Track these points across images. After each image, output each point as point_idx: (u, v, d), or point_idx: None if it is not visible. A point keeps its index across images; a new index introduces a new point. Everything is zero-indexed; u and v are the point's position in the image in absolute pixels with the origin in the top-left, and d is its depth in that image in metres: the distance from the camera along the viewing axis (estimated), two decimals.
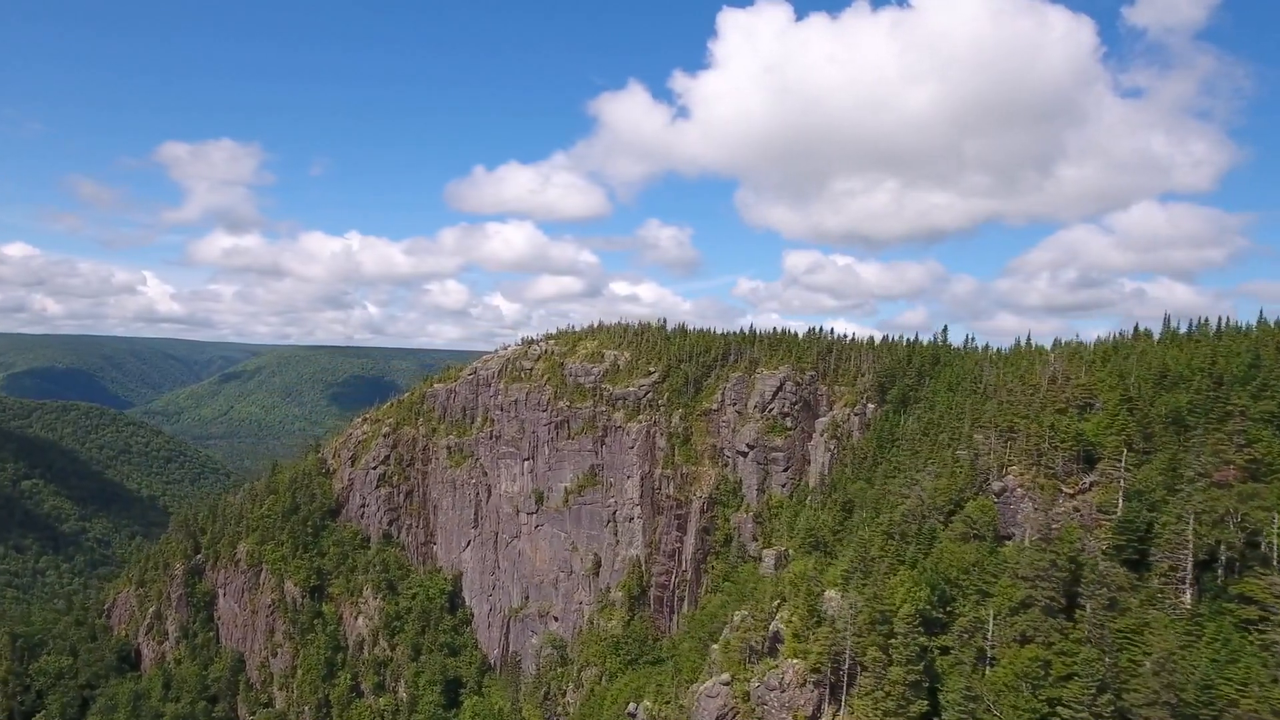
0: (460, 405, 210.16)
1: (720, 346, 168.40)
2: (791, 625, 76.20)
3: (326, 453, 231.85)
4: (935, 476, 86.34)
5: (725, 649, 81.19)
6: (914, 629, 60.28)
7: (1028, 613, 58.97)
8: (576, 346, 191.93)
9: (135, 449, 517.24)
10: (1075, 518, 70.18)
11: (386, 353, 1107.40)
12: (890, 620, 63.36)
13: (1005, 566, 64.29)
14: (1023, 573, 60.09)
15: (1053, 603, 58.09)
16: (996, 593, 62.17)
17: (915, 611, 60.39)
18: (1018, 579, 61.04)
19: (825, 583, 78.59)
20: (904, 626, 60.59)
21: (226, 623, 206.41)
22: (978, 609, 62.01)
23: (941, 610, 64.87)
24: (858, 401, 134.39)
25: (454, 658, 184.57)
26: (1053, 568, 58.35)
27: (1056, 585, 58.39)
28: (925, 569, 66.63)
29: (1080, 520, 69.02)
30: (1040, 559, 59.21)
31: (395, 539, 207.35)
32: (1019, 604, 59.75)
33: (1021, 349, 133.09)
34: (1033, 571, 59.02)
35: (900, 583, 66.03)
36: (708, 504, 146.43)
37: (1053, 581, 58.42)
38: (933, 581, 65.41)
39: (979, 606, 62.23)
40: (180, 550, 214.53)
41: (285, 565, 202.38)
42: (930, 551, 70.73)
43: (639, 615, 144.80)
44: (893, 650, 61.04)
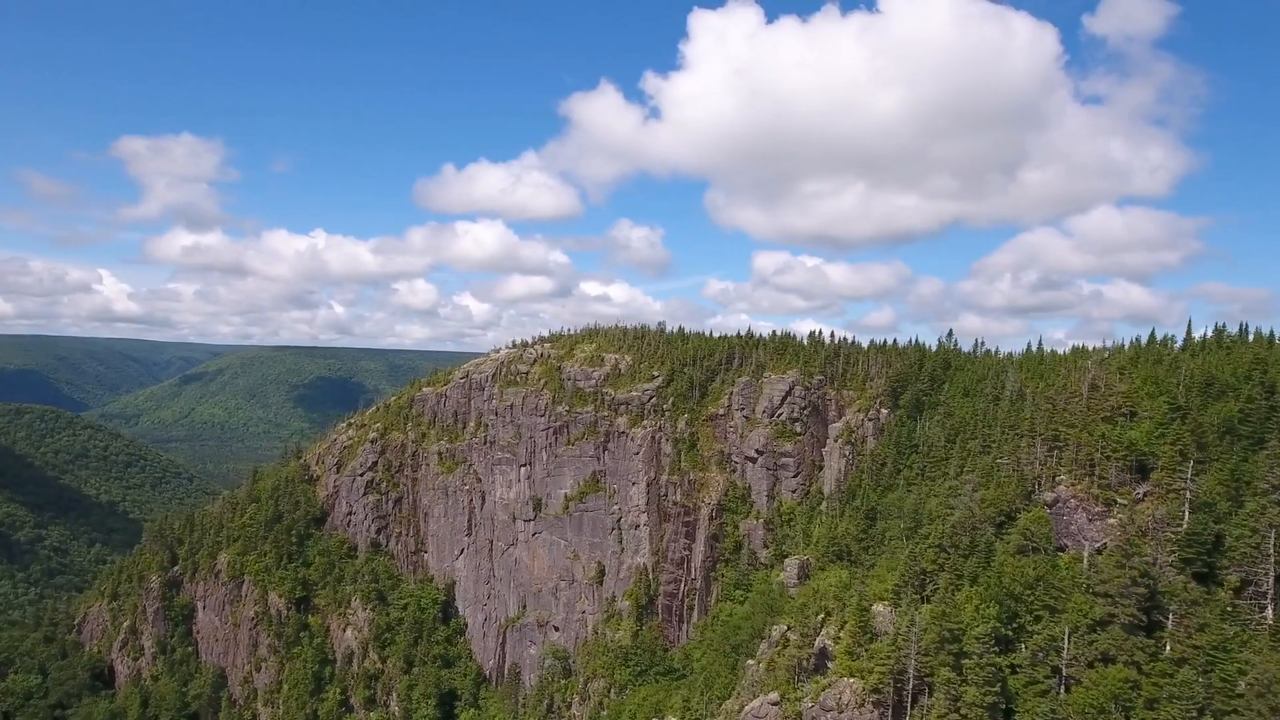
0: (451, 410, 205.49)
1: (723, 350, 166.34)
2: (841, 642, 74.11)
3: (309, 459, 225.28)
4: (974, 487, 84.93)
5: (770, 666, 78.82)
6: (989, 649, 58.48)
7: (1107, 631, 57.50)
8: (574, 350, 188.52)
9: (93, 453, 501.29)
10: (1132, 529, 69.06)
11: (354, 353, 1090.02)
12: (960, 639, 61.49)
13: (1075, 581, 62.76)
14: (1101, 589, 58.61)
15: (1135, 620, 56.69)
16: (1069, 609, 60.58)
17: (990, 631, 58.58)
18: (1094, 595, 59.55)
19: (872, 596, 76.59)
20: (978, 646, 58.74)
21: (206, 637, 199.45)
22: (1050, 626, 60.40)
23: (1008, 627, 63.19)
24: (871, 407, 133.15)
25: (448, 669, 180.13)
26: (1133, 584, 56.94)
27: (1137, 602, 57.00)
28: (990, 585, 64.92)
29: (1139, 532, 67.88)
30: (1120, 575, 57.78)
31: (384, 547, 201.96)
32: (1097, 621, 58.24)
33: (1033, 353, 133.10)
34: (1114, 588, 57.56)
35: (967, 599, 64.22)
36: (716, 511, 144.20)
37: (1133, 598, 57.02)
38: (998, 597, 63.71)
39: (1052, 623, 60.61)
40: (156, 562, 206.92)
41: (269, 576, 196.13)
42: (989, 566, 69.07)
43: (647, 625, 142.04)
44: (967, 671, 59.17)
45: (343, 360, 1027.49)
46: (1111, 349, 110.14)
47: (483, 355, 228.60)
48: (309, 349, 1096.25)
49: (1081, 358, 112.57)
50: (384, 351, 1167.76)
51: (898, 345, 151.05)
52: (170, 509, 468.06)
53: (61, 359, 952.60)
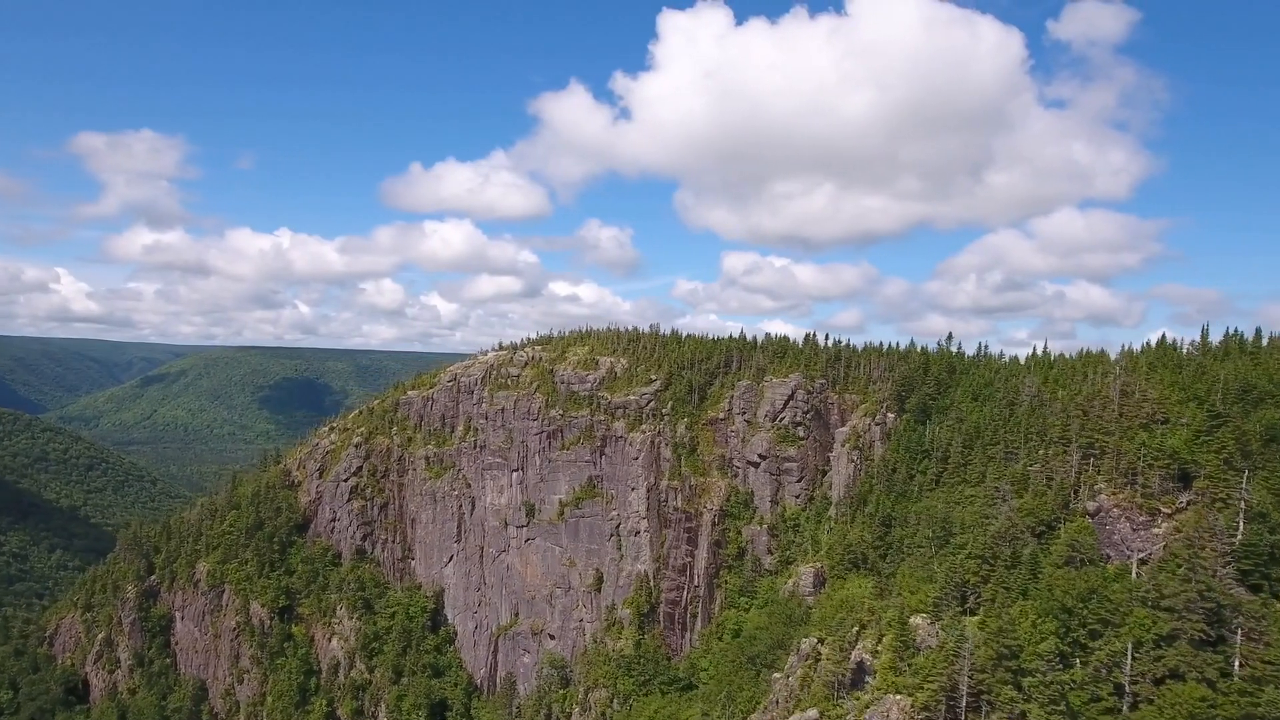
0: (438, 413, 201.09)
1: (720, 353, 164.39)
2: (881, 656, 72.25)
3: (290, 464, 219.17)
4: (1004, 495, 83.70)
5: (804, 681, 76.72)
6: (1053, 666, 56.91)
7: (1173, 646, 56.23)
8: (565, 353, 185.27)
9: (52, 456, 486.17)
10: (1178, 540, 68.13)
11: (320, 353, 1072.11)
12: (1017, 655, 59.86)
13: (1132, 594, 61.47)
14: (1166, 603, 57.34)
15: (1203, 636, 55.50)
16: (1130, 624, 59.23)
17: (1056, 648, 57.04)
18: (1156, 609, 58.26)
19: (910, 608, 74.87)
20: (1041, 664, 57.13)
21: (185, 648, 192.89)
22: (1111, 641, 59.01)
23: (1063, 642, 61.76)
24: (877, 411, 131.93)
25: (438, 679, 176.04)
26: (1200, 598, 55.76)
27: (1203, 616, 55.82)
28: (1044, 598, 63.47)
29: (1187, 542, 66.91)
30: (1186, 588, 56.58)
31: (369, 554, 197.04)
32: (1162, 636, 56.94)
33: (1038, 357, 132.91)
34: (1180, 602, 56.33)
35: (1022, 614, 62.66)
36: (719, 516, 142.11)
37: (1200, 612, 55.83)
38: (1052, 611, 62.27)
39: (1112, 638, 59.23)
40: (131, 571, 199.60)
41: (250, 585, 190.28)
42: (1036, 578, 67.68)
43: (648, 633, 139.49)
44: (1030, 689, 57.54)
45: (309, 361, 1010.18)
46: (1121, 355, 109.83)
47: (467, 357, 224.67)
48: (274, 349, 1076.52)
49: (1093, 363, 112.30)
50: (351, 352, 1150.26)
51: (899, 348, 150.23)
52: (134, 513, 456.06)
53: (18, 360, 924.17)
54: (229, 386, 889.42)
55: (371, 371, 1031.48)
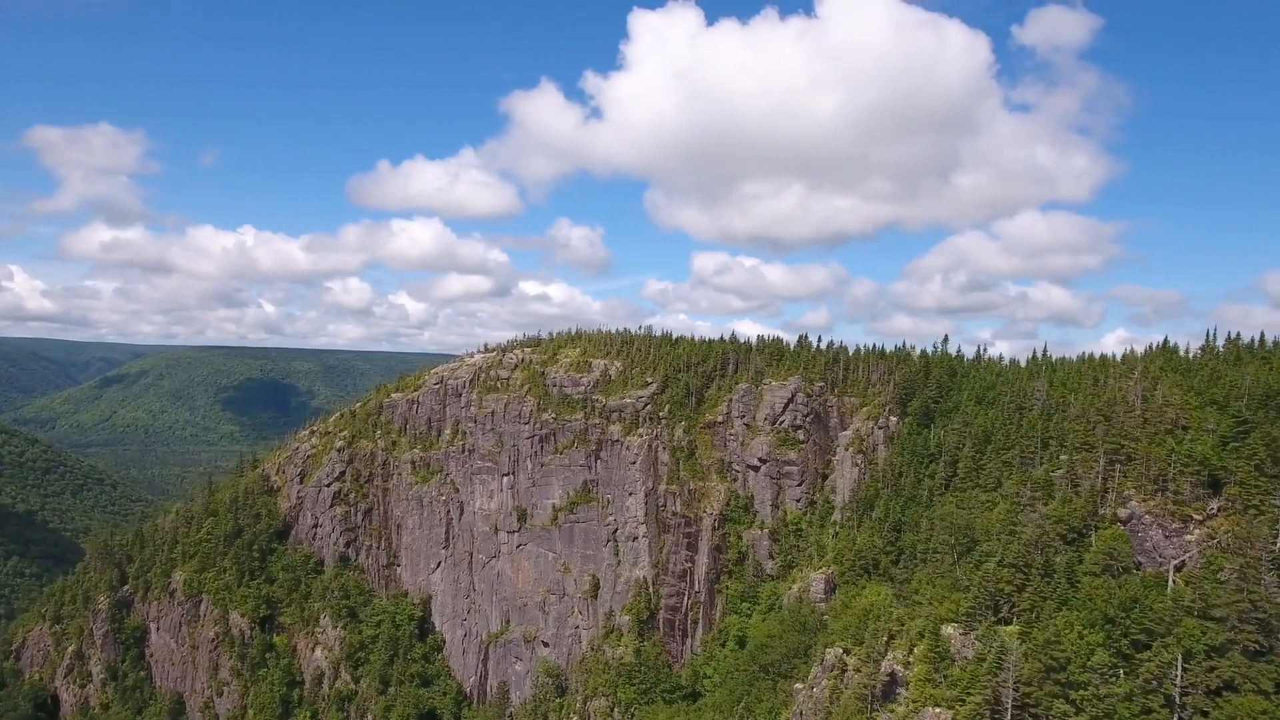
0: (424, 417, 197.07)
1: (716, 356, 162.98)
2: (914, 667, 71.17)
3: (268, 468, 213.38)
4: (1026, 501, 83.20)
5: (833, 693, 75.40)
6: (1107, 679, 56.19)
7: (1226, 657, 55.79)
8: (557, 355, 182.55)
9: (7, 459, 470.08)
10: (1211, 547, 67.99)
11: (286, 353, 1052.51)
12: (1064, 667, 59.08)
13: (1176, 603, 60.98)
14: (1218, 612, 56.90)
15: (1259, 646, 55.13)
16: (1179, 634, 58.71)
17: (1109, 660, 56.28)
18: (1205, 619, 57.80)
19: (940, 618, 73.89)
20: (1094, 677, 56.40)
21: (161, 661, 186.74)
22: (1160, 652, 58.43)
23: (1107, 653, 61.07)
24: (880, 414, 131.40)
25: (426, 688, 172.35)
26: (1254, 608, 55.39)
27: (1256, 626, 55.46)
28: (1087, 608, 62.79)
29: (1221, 549, 66.78)
30: (1239, 598, 56.17)
31: (353, 561, 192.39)
32: (1213, 647, 56.47)
33: (1038, 360, 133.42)
34: (1233, 611, 55.90)
35: (1067, 625, 61.89)
36: (719, 521, 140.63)
37: (1254, 622, 55.46)
38: (1096, 622, 61.61)
39: (1161, 649, 58.65)
40: (103, 581, 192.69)
41: (230, 594, 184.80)
42: (1074, 587, 67.07)
43: (648, 640, 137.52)
44: (1082, 702, 56.76)
45: (274, 361, 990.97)
46: (1132, 358, 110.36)
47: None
48: (237, 349, 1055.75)
49: (1097, 367, 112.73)
50: (318, 351, 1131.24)
51: (898, 351, 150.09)
52: (93, 517, 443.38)
53: None
54: (191, 387, 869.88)
55: (339, 371, 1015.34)
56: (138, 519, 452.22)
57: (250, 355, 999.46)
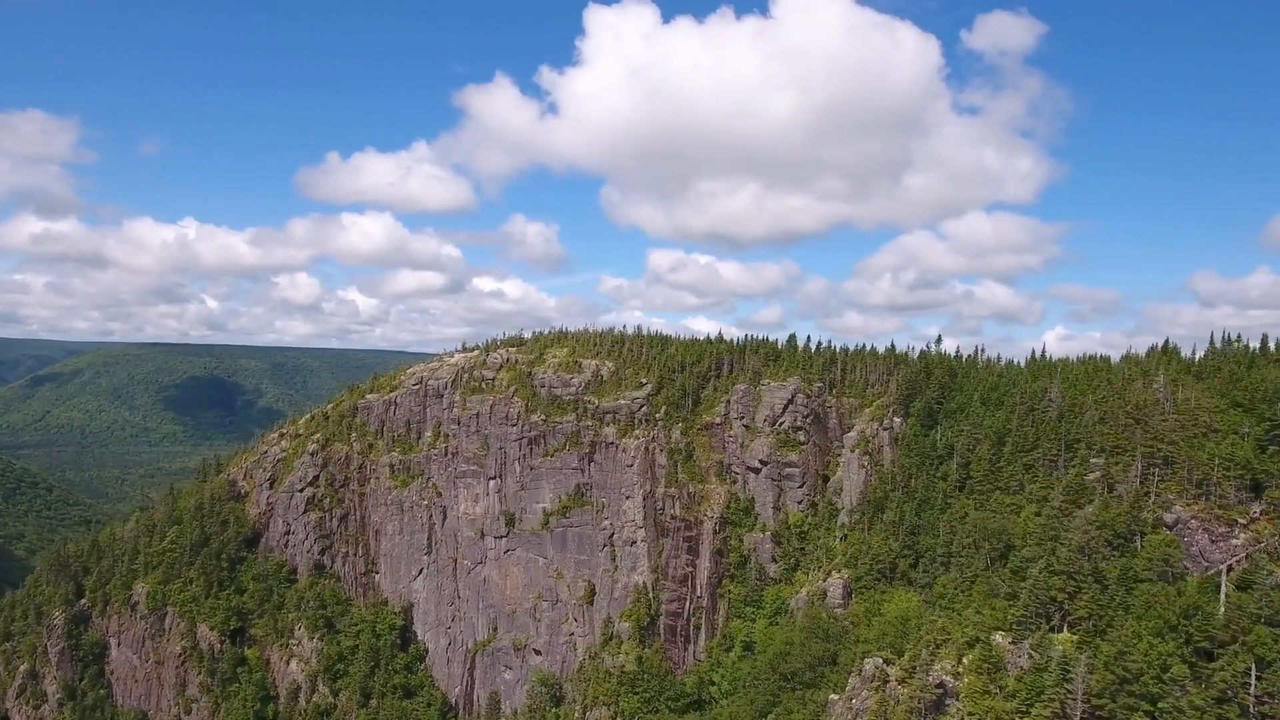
0: (403, 419, 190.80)
1: (710, 356, 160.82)
2: (965, 679, 69.84)
3: (234, 473, 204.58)
4: (1058, 505, 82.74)
5: (881, 705, 73.64)
6: (1186, 690, 55.37)
7: None
8: (544, 355, 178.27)
9: None
10: (1259, 551, 68.01)
11: (231, 350, 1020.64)
12: (1137, 678, 58.15)
13: (1243, 610, 60.57)
14: None
15: None
16: (1250, 642, 58.24)
17: (1186, 671, 55.46)
18: (1275, 625, 57.40)
19: (988, 626, 72.76)
20: (1174, 688, 55.51)
21: (123, 678, 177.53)
22: (1233, 661, 57.87)
23: None
24: (884, 415, 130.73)
25: (410, 700, 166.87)
26: None
27: None
28: (1153, 617, 62.04)
29: (1269, 554, 66.82)
30: None
31: (329, 569, 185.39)
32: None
33: (1037, 361, 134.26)
34: None
35: (1136, 634, 61.01)
36: (720, 524, 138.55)
37: None
38: (1161, 630, 60.88)
39: (1234, 658, 58.09)
40: (58, 595, 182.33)
41: (197, 606, 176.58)
42: (1131, 594, 66.37)
43: (649, 647, 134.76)
44: (1163, 715, 55.84)
45: (219, 358, 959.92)
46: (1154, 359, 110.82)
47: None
48: (180, 346, 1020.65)
49: (1100, 369, 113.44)
50: (265, 349, 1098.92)
51: (895, 351, 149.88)
52: (27, 522, 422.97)
53: None
54: (130, 386, 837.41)
55: (287, 369, 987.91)
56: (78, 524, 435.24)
57: (193, 352, 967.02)
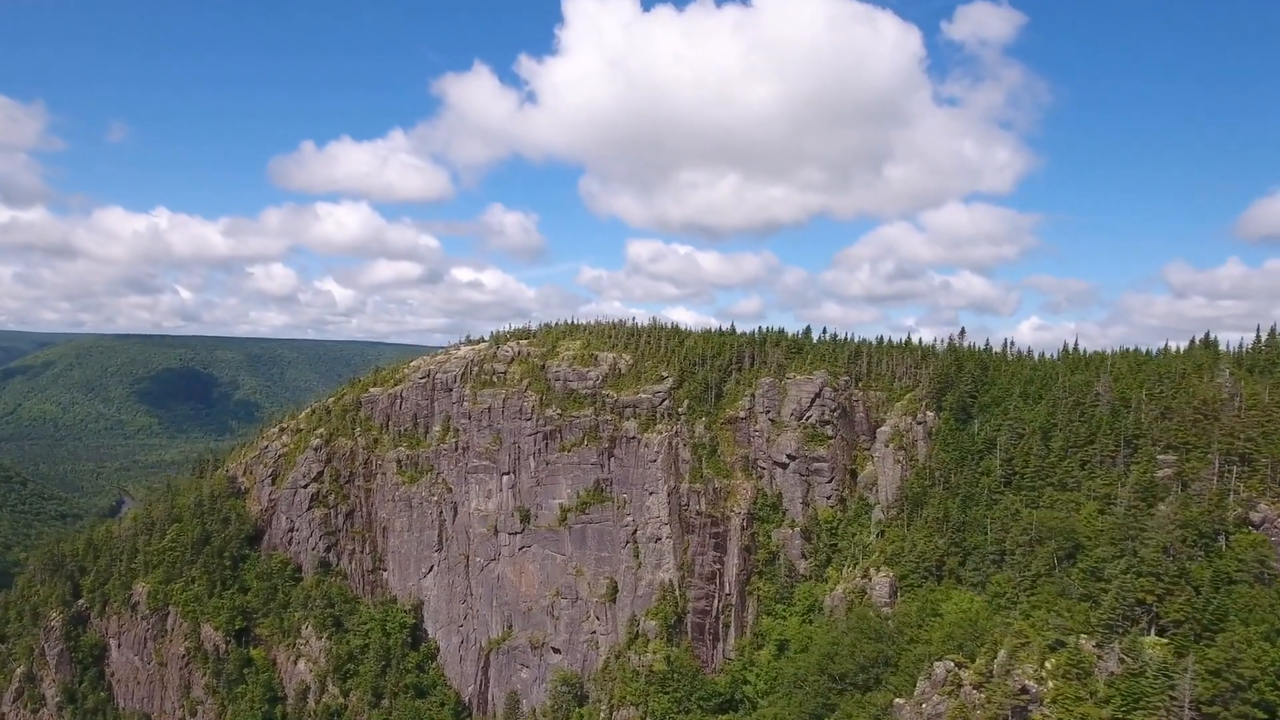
0: (409, 413, 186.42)
1: (731, 350, 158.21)
2: (1049, 684, 68.04)
3: (234, 469, 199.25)
4: (1126, 505, 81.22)
5: (960, 711, 71.70)
6: None
7: None
8: (556, 348, 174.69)
9: None
10: None
11: (206, 342, 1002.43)
12: (1251, 685, 56.52)
13: None
14: None
15: None
16: None
17: None
18: None
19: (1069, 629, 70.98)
20: None
21: (124, 680, 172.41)
22: None
23: None
24: (917, 410, 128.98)
25: (422, 699, 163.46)
26: None
27: None
28: (1261, 621, 60.47)
29: None
30: None
31: (335, 567, 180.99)
32: None
33: (1070, 354, 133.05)
34: None
35: (1245, 640, 59.38)
36: (747, 520, 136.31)
37: None
38: (1271, 635, 59.35)
39: None
40: (54, 595, 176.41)
41: (200, 606, 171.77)
42: (1230, 597, 64.80)
43: (677, 645, 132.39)
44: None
45: (195, 350, 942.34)
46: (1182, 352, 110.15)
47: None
48: (153, 337, 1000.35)
49: (1160, 363, 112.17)
50: (241, 340, 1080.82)
51: (923, 344, 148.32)
52: (2, 517, 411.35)
53: None
54: (104, 378, 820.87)
55: (264, 361, 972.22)
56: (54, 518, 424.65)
57: (167, 344, 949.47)
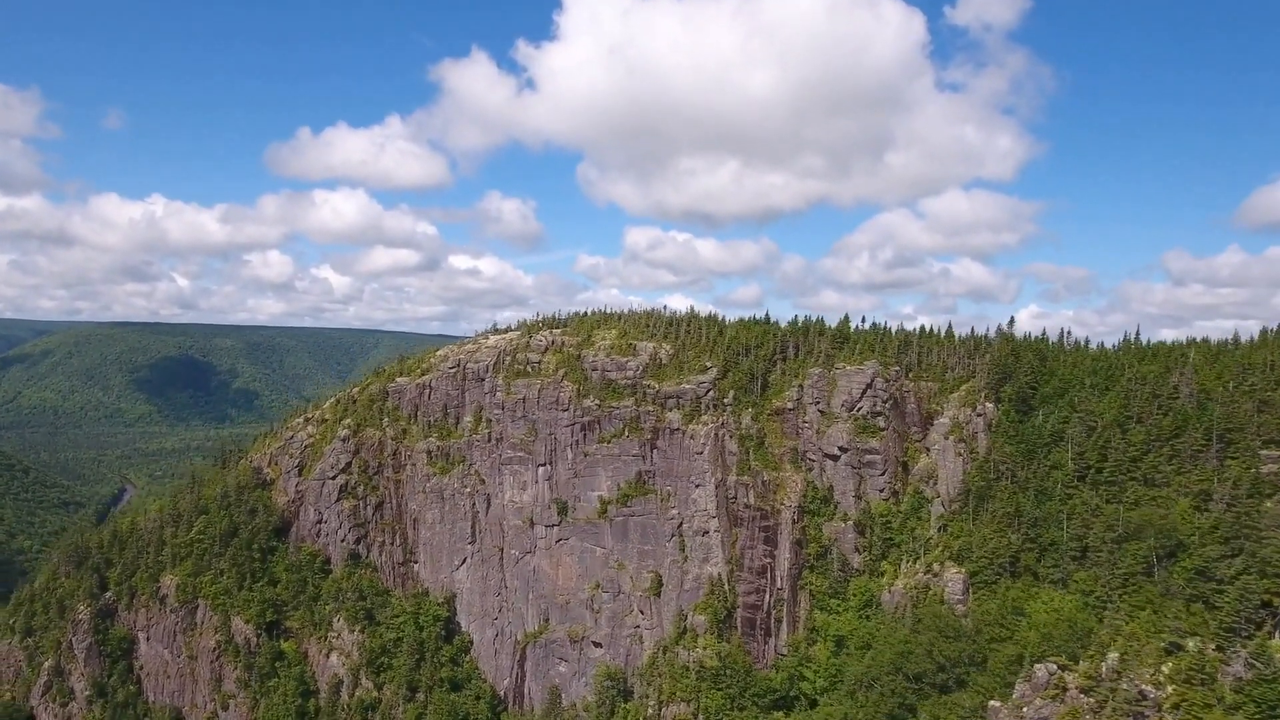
0: (439, 403, 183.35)
1: (774, 339, 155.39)
2: (1169, 689, 65.68)
3: (258, 460, 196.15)
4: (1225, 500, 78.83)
5: (1073, 715, 69.33)
6: None
7: None
8: (592, 337, 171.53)
9: None
10: None
11: (205, 330, 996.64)
12: None
13: None
14: None
15: None
16: None
17: None
18: None
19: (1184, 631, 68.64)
20: None
21: (154, 674, 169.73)
22: None
23: None
24: (975, 401, 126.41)
25: (457, 693, 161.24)
26: None
27: None
28: None
29: None
30: None
31: (365, 559, 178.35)
32: None
33: (1130, 344, 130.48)
34: None
35: None
36: (798, 513, 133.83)
37: None
38: None
39: None
40: (81, 589, 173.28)
41: (230, 599, 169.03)
42: None
43: (726, 640, 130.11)
44: None
45: (193, 338, 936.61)
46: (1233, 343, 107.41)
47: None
48: (151, 325, 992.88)
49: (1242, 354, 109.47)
50: (239, 328, 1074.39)
51: (975, 334, 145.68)
52: (4, 504, 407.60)
53: None
54: (103, 366, 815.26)
55: (263, 349, 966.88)
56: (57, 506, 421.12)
57: (165, 332, 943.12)
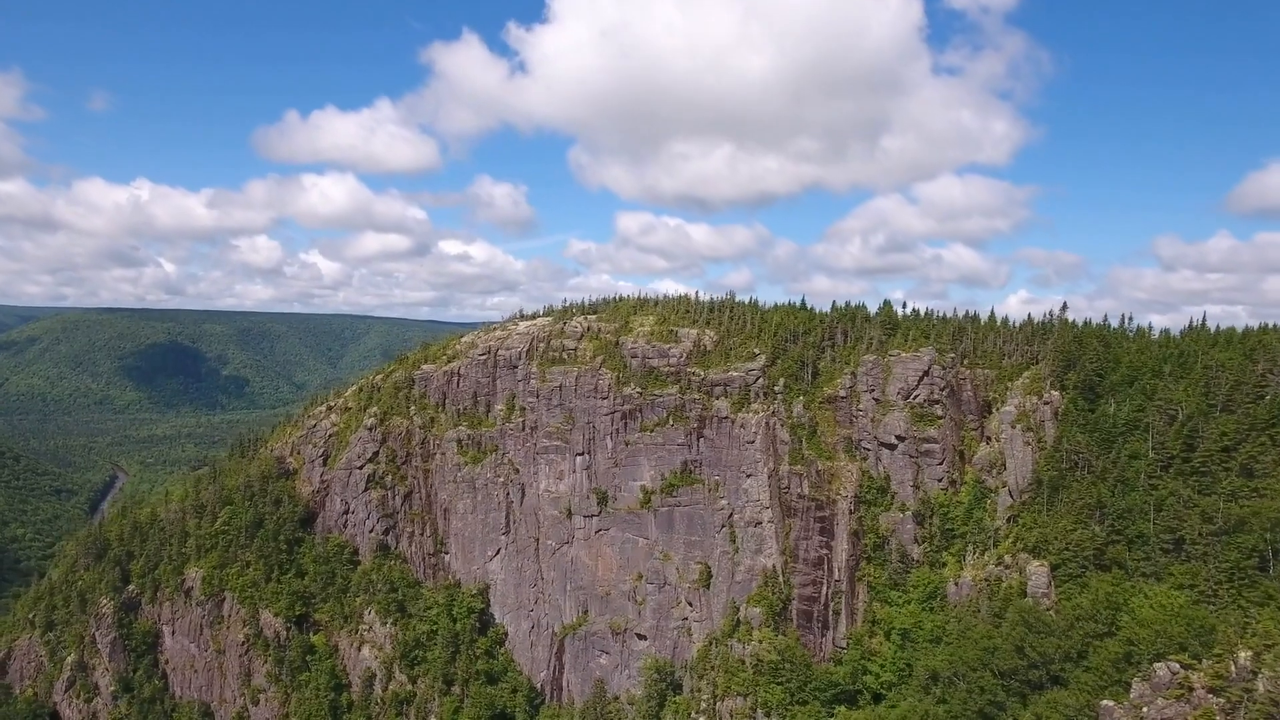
0: (469, 391, 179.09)
1: (821, 326, 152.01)
2: None
3: (280, 449, 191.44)
4: None
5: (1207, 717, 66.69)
6: None
7: None
8: (629, 323, 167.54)
9: None
10: None
11: (194, 315, 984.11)
12: None
13: None
14: None
15: None
16: None
17: None
18: None
19: None
20: None
21: (180, 668, 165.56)
22: None
23: None
24: (1041, 389, 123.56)
25: (493, 686, 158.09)
26: None
27: None
28: None
29: None
30: None
31: (394, 550, 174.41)
32: None
33: (1195, 331, 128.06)
34: None
35: None
36: (854, 504, 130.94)
37: None
38: None
39: None
40: (104, 581, 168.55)
41: (257, 592, 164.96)
42: None
43: (782, 633, 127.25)
44: None
45: (182, 323, 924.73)
46: None
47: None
48: (139, 311, 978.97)
49: None
50: (229, 313, 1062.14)
51: (1032, 320, 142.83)
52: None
53: None
54: (92, 352, 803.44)
55: (253, 335, 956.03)
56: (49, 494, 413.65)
57: (153, 317, 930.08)
